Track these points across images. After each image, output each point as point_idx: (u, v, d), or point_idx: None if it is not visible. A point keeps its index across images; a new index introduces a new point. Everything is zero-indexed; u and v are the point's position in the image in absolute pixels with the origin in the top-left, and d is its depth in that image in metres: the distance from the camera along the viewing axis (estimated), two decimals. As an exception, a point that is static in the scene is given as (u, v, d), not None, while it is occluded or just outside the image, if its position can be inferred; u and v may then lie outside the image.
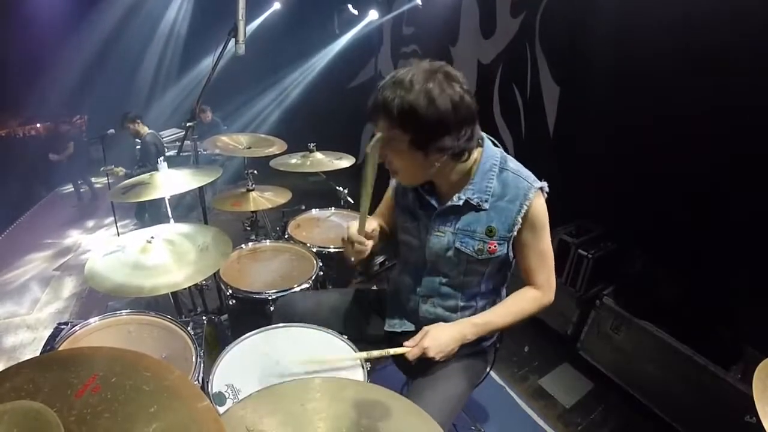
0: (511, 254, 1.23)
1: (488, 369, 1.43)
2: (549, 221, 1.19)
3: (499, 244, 1.19)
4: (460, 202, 1.18)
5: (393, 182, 1.37)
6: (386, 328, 1.41)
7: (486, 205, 1.17)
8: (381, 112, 1.02)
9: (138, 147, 4.07)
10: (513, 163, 1.20)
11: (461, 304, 1.29)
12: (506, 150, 1.24)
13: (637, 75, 2.33)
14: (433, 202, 1.22)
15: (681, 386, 2.03)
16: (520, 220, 1.16)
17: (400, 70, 1.04)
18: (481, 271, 1.24)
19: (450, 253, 1.22)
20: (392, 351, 1.18)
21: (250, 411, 0.89)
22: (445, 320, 1.27)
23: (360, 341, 1.32)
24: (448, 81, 1.01)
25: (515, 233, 1.18)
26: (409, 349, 1.15)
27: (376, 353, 1.20)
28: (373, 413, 0.91)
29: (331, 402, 0.93)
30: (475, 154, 1.17)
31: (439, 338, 1.15)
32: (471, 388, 1.32)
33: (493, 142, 1.23)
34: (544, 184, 1.18)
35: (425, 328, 1.18)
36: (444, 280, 1.27)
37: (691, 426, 2.00)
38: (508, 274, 1.33)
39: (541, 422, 2.14)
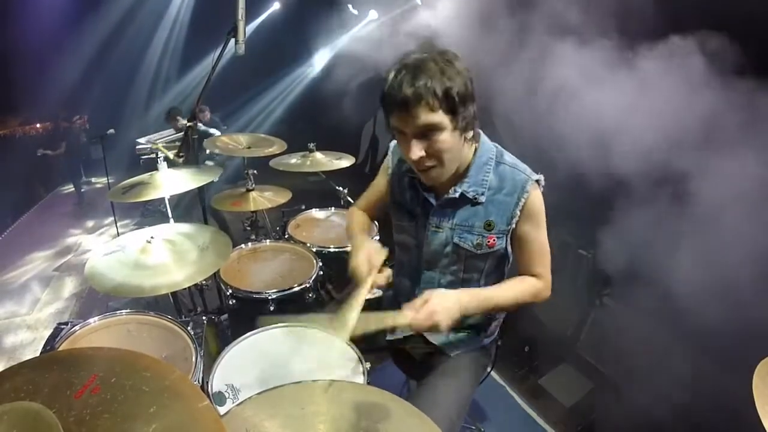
0: (509, 248, 1.23)
1: (491, 366, 1.43)
2: (548, 219, 1.19)
3: (498, 237, 1.19)
4: (456, 195, 1.18)
5: (389, 179, 1.35)
6: (388, 338, 1.39)
7: (482, 199, 1.17)
8: (421, 102, 0.99)
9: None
10: (509, 157, 1.21)
11: None
12: (505, 147, 1.24)
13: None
14: (431, 200, 1.22)
15: (681, 386, 2.03)
16: (518, 212, 1.16)
17: (405, 62, 1.02)
18: (480, 267, 1.24)
19: (448, 248, 1.22)
20: (392, 321, 1.02)
21: (250, 414, 0.89)
22: None
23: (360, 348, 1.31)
24: (452, 58, 1.03)
25: (513, 226, 1.18)
26: (411, 316, 1.00)
27: (373, 326, 1.00)
28: (373, 415, 0.91)
29: (331, 404, 0.93)
30: (472, 147, 1.18)
31: (444, 302, 1.03)
32: (475, 387, 1.32)
33: None
34: (541, 176, 1.18)
35: (428, 291, 1.05)
36: (443, 280, 1.27)
37: (691, 426, 2.00)
38: (506, 271, 1.32)
39: (541, 422, 2.14)
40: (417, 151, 1.04)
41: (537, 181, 1.17)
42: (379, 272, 1.11)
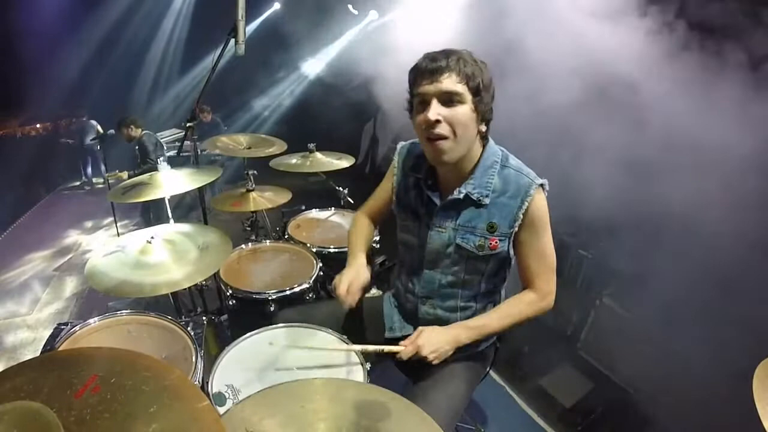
0: (511, 252, 1.23)
1: (488, 369, 1.43)
2: (550, 221, 1.19)
3: (500, 240, 1.19)
4: (461, 196, 1.19)
5: (394, 180, 1.36)
6: (386, 335, 1.40)
7: (486, 201, 1.18)
8: (452, 71, 1.08)
9: (136, 149, 4.12)
10: (514, 161, 1.22)
11: (461, 304, 1.29)
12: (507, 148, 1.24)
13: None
14: (435, 200, 1.22)
15: (681, 386, 2.02)
16: (521, 216, 1.16)
17: (443, 50, 1.11)
18: (482, 270, 1.24)
19: (450, 249, 1.22)
20: (387, 348, 1.19)
21: (249, 412, 0.89)
22: (445, 321, 1.27)
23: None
24: (483, 62, 1.14)
25: (516, 229, 1.18)
26: (403, 348, 1.15)
27: (371, 348, 1.22)
28: (373, 414, 0.91)
29: (331, 403, 0.93)
30: (481, 147, 1.19)
31: (432, 338, 1.16)
32: (472, 389, 1.32)
33: None
34: (545, 181, 1.19)
35: (420, 327, 1.19)
36: (444, 280, 1.27)
37: (691, 426, 2.00)
38: (507, 275, 1.32)
39: (541, 422, 2.14)
40: (436, 110, 1.08)
41: (541, 185, 1.17)
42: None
